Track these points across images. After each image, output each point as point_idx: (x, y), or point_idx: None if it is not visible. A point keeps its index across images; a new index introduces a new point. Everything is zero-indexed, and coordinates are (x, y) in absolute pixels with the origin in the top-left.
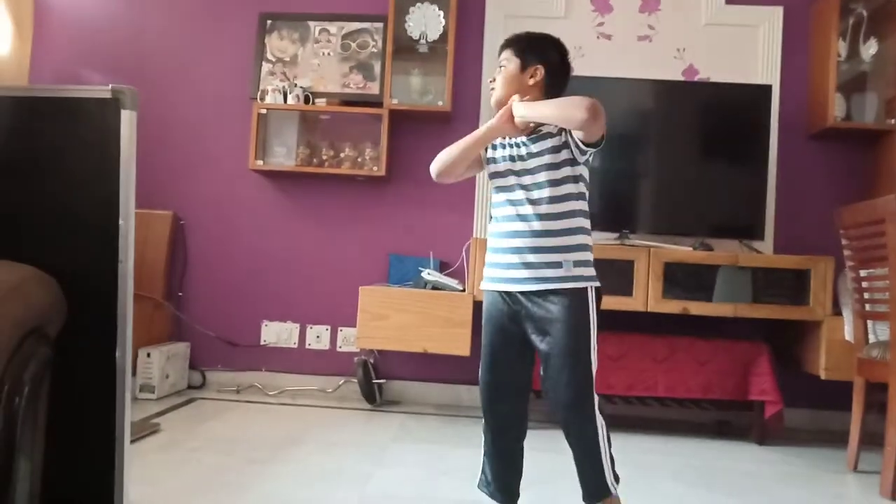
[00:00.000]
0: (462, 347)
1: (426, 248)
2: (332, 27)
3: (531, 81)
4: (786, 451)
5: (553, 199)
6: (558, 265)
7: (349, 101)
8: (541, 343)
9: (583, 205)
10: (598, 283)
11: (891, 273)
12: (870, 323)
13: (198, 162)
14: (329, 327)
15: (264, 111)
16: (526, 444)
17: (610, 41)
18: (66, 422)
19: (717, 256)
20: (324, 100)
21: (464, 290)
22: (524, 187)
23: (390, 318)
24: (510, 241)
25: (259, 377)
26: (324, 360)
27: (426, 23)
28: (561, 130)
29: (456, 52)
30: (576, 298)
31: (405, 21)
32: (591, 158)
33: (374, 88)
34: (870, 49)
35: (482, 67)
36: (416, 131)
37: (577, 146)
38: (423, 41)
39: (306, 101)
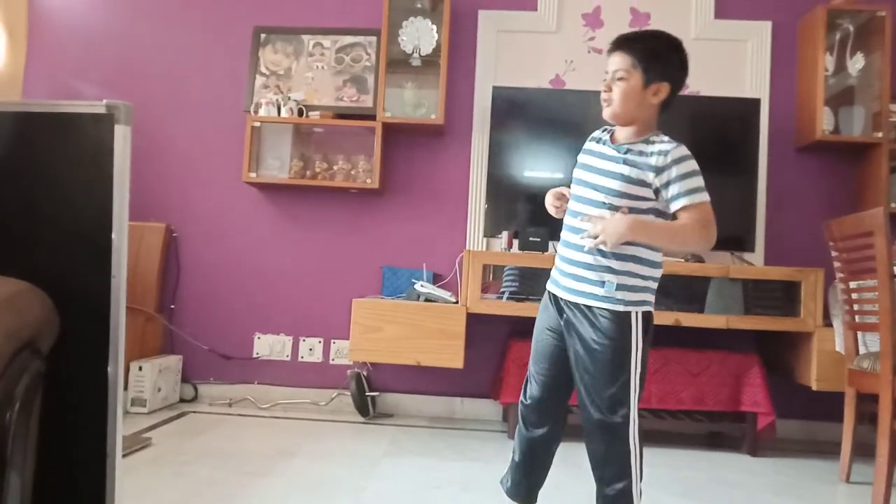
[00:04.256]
0: (455, 360)
1: (419, 260)
2: (326, 41)
3: (654, 100)
4: (778, 462)
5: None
6: (600, 284)
7: (343, 114)
8: (574, 367)
9: None
10: (647, 308)
11: (880, 284)
12: (860, 334)
13: (191, 174)
14: (322, 340)
15: (258, 124)
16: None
17: (601, 55)
18: (57, 436)
19: (709, 268)
20: (317, 113)
21: (457, 303)
22: (585, 200)
23: (383, 331)
24: (566, 251)
25: (252, 390)
26: (317, 372)
27: (419, 37)
28: (655, 170)
29: (449, 65)
30: (616, 322)
31: (398, 35)
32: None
33: (367, 101)
34: (856, 63)
35: (475, 81)
36: (409, 144)
37: (668, 206)
38: (416, 55)
39: (300, 113)
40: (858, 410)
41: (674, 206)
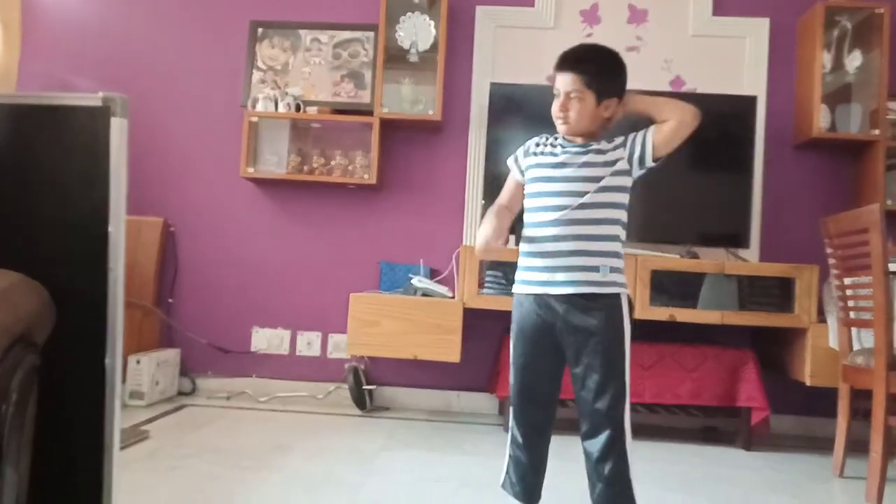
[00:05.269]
0: (452, 354)
1: (416, 255)
2: (324, 36)
3: (605, 114)
4: (772, 457)
5: (593, 206)
6: (595, 269)
7: (340, 109)
8: (576, 358)
9: (622, 214)
10: (629, 291)
11: (874, 281)
12: (854, 330)
13: (189, 169)
14: (320, 334)
15: (255, 119)
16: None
17: None
18: (53, 430)
19: (704, 264)
20: (315, 108)
21: (454, 297)
22: (565, 193)
23: (381, 325)
24: (549, 245)
25: (249, 384)
26: (314, 366)
27: (417, 32)
28: (620, 146)
29: (446, 61)
30: (611, 307)
31: (396, 30)
32: (641, 176)
33: (364, 97)
34: (854, 61)
35: (472, 77)
36: (406, 140)
37: (643, 161)
38: (413, 50)
39: (297, 109)
40: (852, 406)
41: (649, 131)
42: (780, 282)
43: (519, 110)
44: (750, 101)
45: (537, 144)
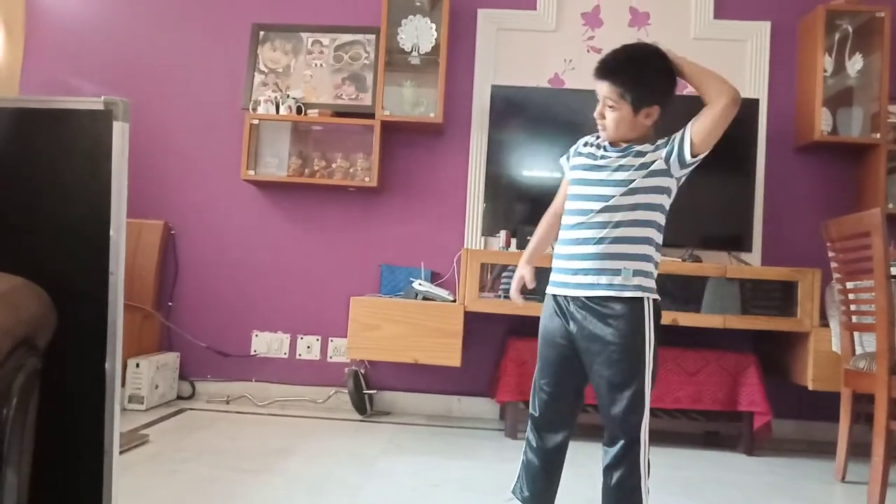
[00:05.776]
0: (453, 358)
1: (417, 258)
2: (325, 39)
3: (647, 122)
4: (774, 461)
5: (619, 208)
6: (616, 273)
7: (341, 112)
8: (593, 366)
9: (656, 216)
10: (656, 296)
11: (877, 285)
12: (856, 334)
13: (189, 172)
14: (320, 338)
15: (256, 122)
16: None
17: (600, 54)
18: (54, 433)
19: (706, 268)
20: (316, 111)
21: (455, 301)
22: (593, 197)
23: (381, 329)
24: (575, 248)
25: (249, 388)
26: (314, 370)
27: (418, 35)
28: (662, 146)
29: (448, 64)
30: (632, 311)
31: (397, 33)
32: (686, 174)
33: (366, 100)
34: (855, 64)
35: (474, 79)
36: (408, 142)
37: (682, 158)
38: (415, 53)
39: (298, 111)
40: (854, 410)
41: (687, 127)
42: (783, 285)
43: (520, 113)
44: (751, 105)
45: (585, 144)
